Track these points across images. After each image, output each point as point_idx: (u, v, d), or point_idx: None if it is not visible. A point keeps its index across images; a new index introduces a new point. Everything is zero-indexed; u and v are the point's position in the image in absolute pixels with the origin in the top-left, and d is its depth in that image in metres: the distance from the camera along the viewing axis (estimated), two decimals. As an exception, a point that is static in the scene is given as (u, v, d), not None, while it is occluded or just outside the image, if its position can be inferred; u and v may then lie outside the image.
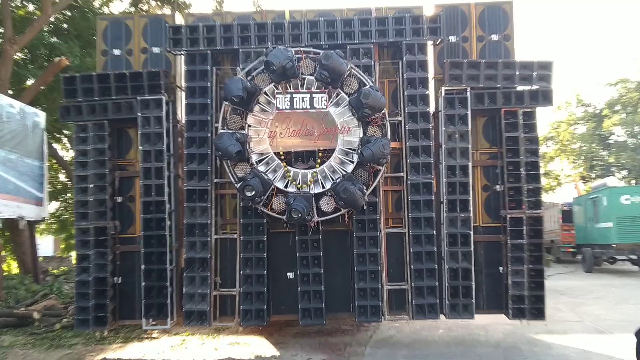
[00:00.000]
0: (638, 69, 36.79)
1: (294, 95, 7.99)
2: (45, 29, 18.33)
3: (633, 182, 35.36)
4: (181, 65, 8.84)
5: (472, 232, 8.12)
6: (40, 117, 14.79)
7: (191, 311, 8.17)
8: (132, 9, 21.25)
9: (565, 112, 40.48)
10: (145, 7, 21.54)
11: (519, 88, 8.33)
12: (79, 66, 17.17)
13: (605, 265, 21.12)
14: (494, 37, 8.62)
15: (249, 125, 8.02)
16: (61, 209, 25.04)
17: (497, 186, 8.49)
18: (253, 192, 7.55)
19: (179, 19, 9.15)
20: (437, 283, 8.09)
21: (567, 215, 24.54)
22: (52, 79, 17.21)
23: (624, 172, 38.11)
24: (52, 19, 18.32)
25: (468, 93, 8.22)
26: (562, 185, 42.46)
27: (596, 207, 20.57)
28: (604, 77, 55.61)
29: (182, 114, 8.80)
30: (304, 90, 8.00)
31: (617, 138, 38.95)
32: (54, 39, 18.69)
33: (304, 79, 7.99)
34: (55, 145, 22.29)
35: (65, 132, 21.54)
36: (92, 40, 19.26)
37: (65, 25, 20.11)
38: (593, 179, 38.04)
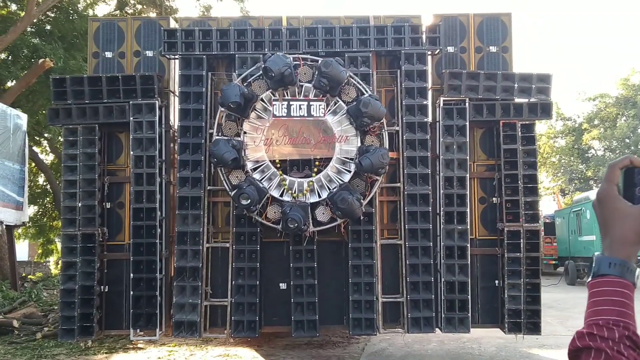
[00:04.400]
0: (616, 85, 37.31)
1: (291, 103, 7.83)
2: (28, 29, 17.97)
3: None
4: (175, 70, 8.63)
5: (469, 245, 8.03)
6: (22, 119, 14.45)
7: (181, 322, 7.94)
8: (117, 12, 20.96)
9: (546, 125, 40.97)
10: (130, 11, 21.27)
11: (517, 100, 8.29)
12: (62, 68, 16.82)
13: (587, 278, 21.26)
14: (492, 49, 8.57)
15: (245, 132, 7.85)
16: (40, 213, 24.49)
17: (494, 198, 8.41)
18: (248, 201, 7.37)
19: (173, 23, 8.96)
20: (433, 296, 7.97)
21: (548, 228, 24.65)
22: (34, 81, 16.87)
23: (602, 186, 38.62)
24: (35, 20, 17.95)
25: (466, 104, 8.16)
26: (541, 197, 42.93)
27: (579, 220, 20.73)
28: (584, 92, 56.57)
29: (175, 120, 8.60)
30: (302, 97, 7.86)
31: (596, 152, 39.53)
32: (37, 40, 18.33)
33: (302, 86, 7.85)
34: (35, 149, 21.84)
35: (46, 135, 21.14)
36: (76, 43, 18.99)
37: (48, 27, 19.75)
38: (572, 192, 38.51)
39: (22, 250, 31.09)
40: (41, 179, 24.08)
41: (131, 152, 8.09)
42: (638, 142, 34.60)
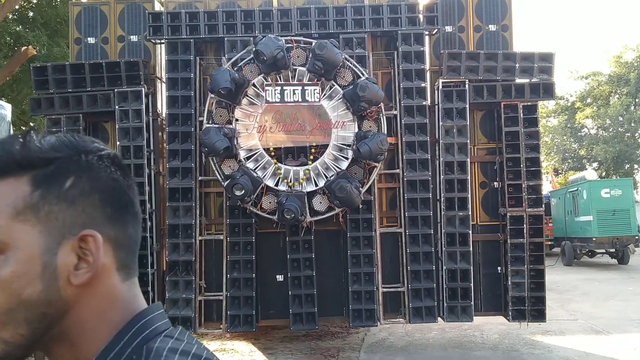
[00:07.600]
0: (609, 63, 37.01)
1: (284, 88, 7.50)
2: (10, 16, 17.41)
3: (603, 174, 35.74)
4: (161, 55, 8.26)
5: (470, 231, 7.77)
6: (6, 109, 13.96)
7: (175, 317, 7.63)
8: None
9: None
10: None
11: (519, 81, 7.99)
12: (46, 56, 16.30)
13: (584, 258, 21.13)
14: (492, 27, 8.25)
15: (237, 120, 7.52)
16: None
17: (495, 183, 8.14)
18: (243, 191, 7.06)
19: (158, 6, 8.56)
20: (434, 285, 7.72)
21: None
22: (18, 70, 16.36)
23: (595, 165, 38.53)
24: (17, 6, 17.38)
25: (466, 86, 7.85)
26: (535, 177, 42.73)
27: (575, 200, 20.52)
28: (576, 70, 56.42)
29: (162, 107, 8.25)
30: (295, 82, 7.53)
31: (589, 131, 39.37)
32: (19, 28, 17.77)
33: (295, 70, 7.51)
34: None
35: (32, 124, 20.65)
36: (60, 29, 18.42)
37: (31, 13, 19.18)
38: (565, 171, 38.46)
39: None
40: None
41: (117, 143, 7.74)
42: (631, 120, 34.45)
